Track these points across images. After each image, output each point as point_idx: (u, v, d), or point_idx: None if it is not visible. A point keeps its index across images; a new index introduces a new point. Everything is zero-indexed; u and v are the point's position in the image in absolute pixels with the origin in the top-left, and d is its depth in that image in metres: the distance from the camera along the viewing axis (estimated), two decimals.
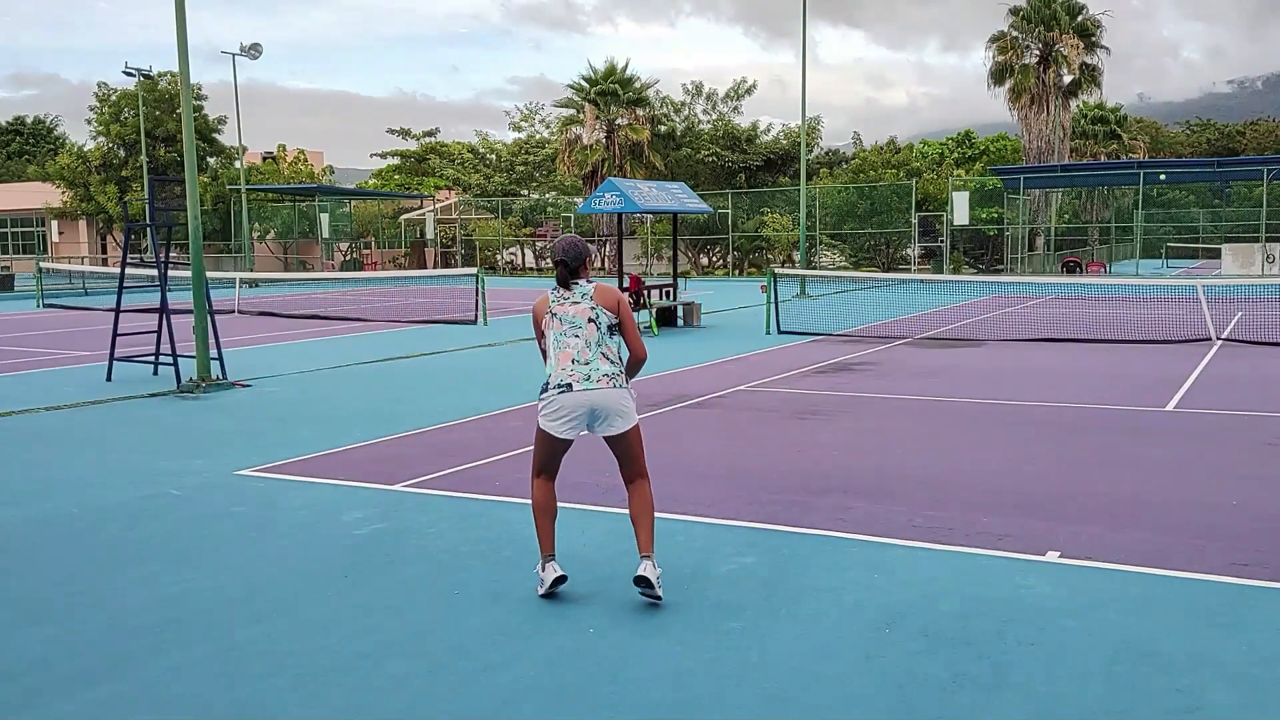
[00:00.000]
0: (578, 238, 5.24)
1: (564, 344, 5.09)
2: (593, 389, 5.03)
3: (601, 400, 5.05)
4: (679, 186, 22.36)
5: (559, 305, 5.12)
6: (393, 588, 5.35)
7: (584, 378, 5.04)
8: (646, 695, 4.07)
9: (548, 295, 5.17)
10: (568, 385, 5.04)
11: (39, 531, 6.50)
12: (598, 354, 5.08)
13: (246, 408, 11.26)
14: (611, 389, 5.07)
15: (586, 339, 5.08)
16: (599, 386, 5.04)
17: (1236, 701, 3.95)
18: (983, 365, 13.92)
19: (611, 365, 5.12)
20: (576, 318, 5.09)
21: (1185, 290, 21.18)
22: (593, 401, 5.05)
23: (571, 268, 5.14)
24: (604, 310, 5.12)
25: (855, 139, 58.91)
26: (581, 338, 5.08)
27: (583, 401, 5.04)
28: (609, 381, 5.08)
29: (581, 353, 5.07)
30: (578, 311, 5.10)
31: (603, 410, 5.08)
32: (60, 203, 50.61)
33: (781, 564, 5.63)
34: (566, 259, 5.14)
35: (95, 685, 4.24)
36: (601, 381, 5.05)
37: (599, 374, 5.05)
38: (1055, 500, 6.83)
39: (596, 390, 5.04)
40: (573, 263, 5.14)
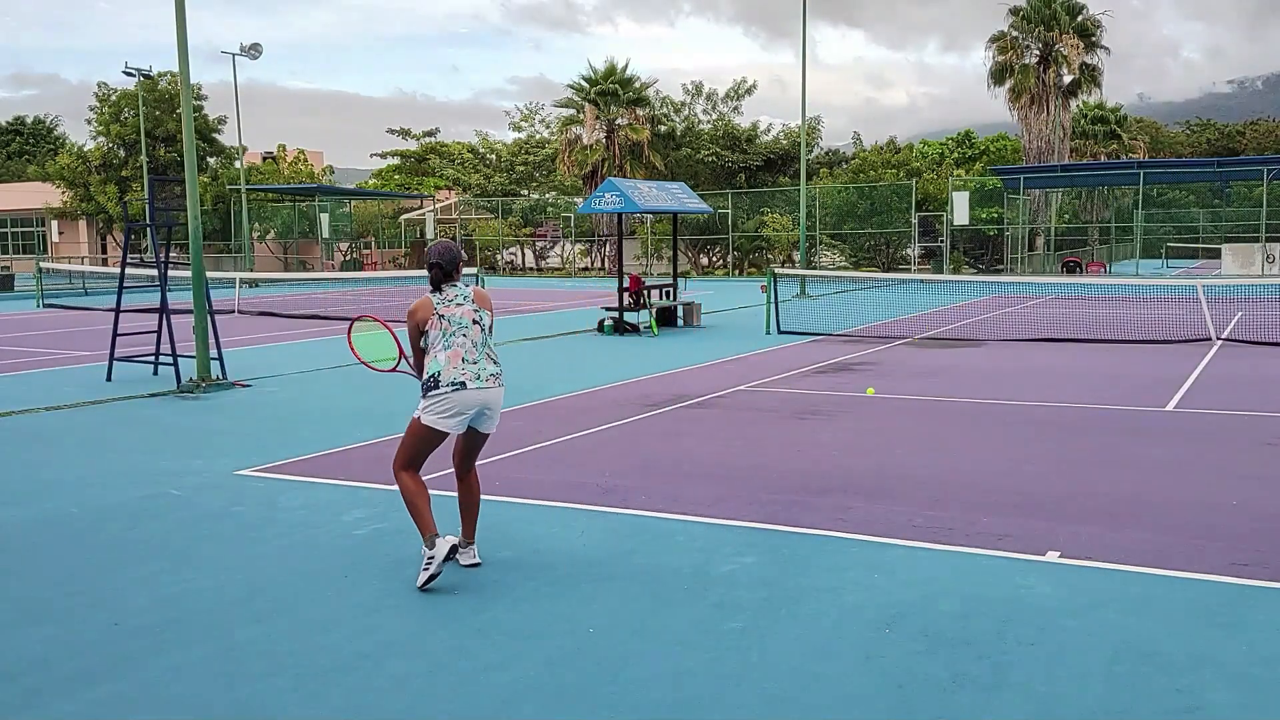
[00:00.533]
0: (451, 243, 5.57)
1: (452, 344, 5.32)
2: (483, 388, 5.33)
3: (491, 399, 5.38)
4: (679, 186, 22.36)
5: (445, 307, 5.37)
6: (393, 588, 5.35)
7: (475, 376, 5.32)
8: (646, 695, 4.07)
9: (429, 298, 5.40)
10: (461, 384, 5.27)
11: (39, 531, 6.50)
12: (483, 354, 5.39)
13: (246, 408, 11.26)
14: (497, 388, 5.40)
15: (473, 340, 5.36)
16: (488, 386, 5.35)
17: (1236, 701, 3.95)
18: (983, 365, 13.92)
19: (495, 365, 5.44)
20: (463, 319, 5.37)
21: (1185, 290, 21.18)
22: (484, 400, 5.35)
23: (446, 270, 5.42)
24: (485, 312, 5.44)
25: (855, 139, 58.93)
26: (469, 338, 5.35)
27: (475, 399, 5.31)
28: (495, 381, 5.39)
29: (470, 353, 5.34)
30: (463, 313, 5.38)
31: (490, 408, 5.40)
32: (60, 203, 50.60)
33: (781, 564, 5.63)
34: (441, 262, 5.42)
35: (95, 685, 4.24)
36: (489, 381, 5.36)
37: (487, 373, 5.36)
38: (1055, 500, 6.83)
39: (487, 389, 5.35)
40: (447, 266, 5.43)
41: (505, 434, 9.32)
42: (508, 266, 51.85)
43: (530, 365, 14.62)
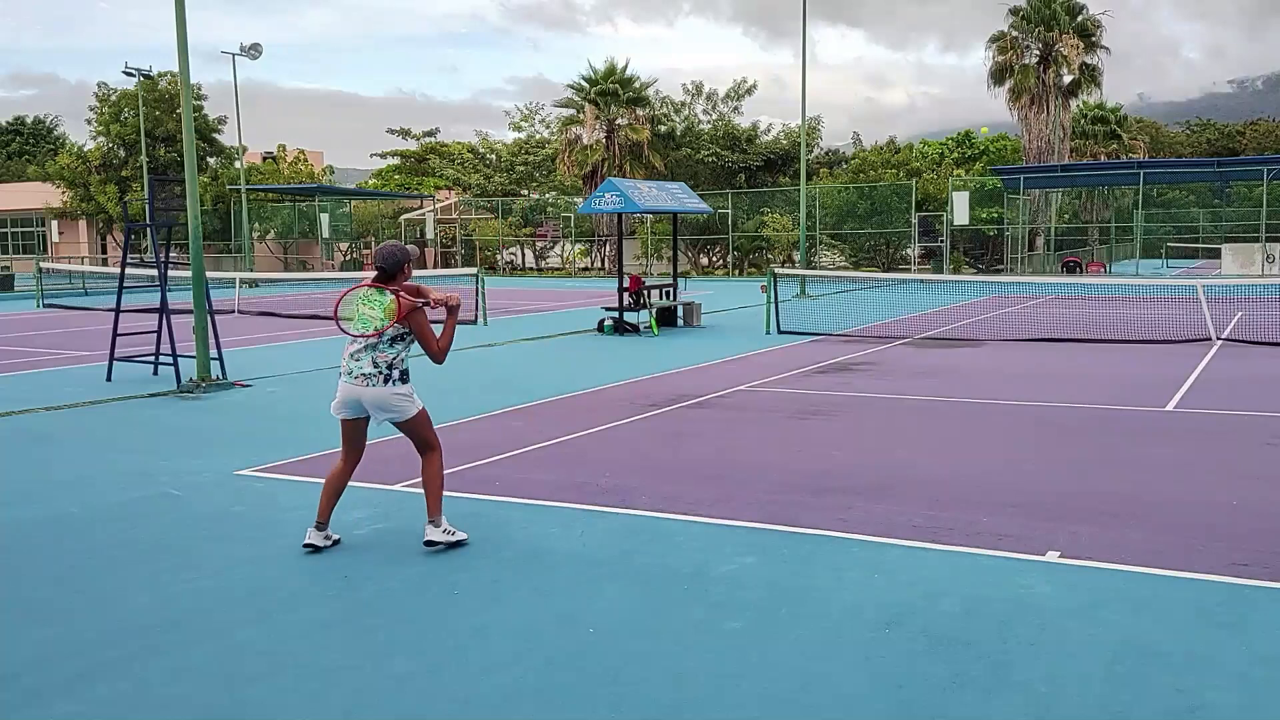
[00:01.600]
0: (397, 244, 5.85)
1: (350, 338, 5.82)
2: (351, 384, 5.80)
3: (357, 395, 5.81)
4: (679, 186, 22.36)
5: (364, 304, 5.78)
6: (393, 588, 5.35)
7: (347, 372, 5.84)
8: (646, 695, 4.07)
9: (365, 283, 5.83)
10: (340, 375, 5.89)
11: (39, 531, 6.50)
12: (368, 357, 5.79)
13: (246, 408, 11.26)
14: (366, 388, 5.77)
15: (366, 341, 5.76)
16: (355, 384, 5.79)
17: (1236, 701, 3.95)
18: (983, 365, 13.92)
19: (374, 369, 5.78)
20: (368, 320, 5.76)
21: (1185, 290, 21.18)
22: (354, 395, 5.82)
23: (389, 273, 5.78)
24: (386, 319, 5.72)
25: (855, 139, 58.98)
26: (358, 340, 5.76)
27: (345, 393, 5.85)
28: (364, 381, 5.77)
29: (359, 351, 5.81)
30: (370, 315, 5.76)
31: (367, 404, 5.81)
32: (60, 203, 50.59)
33: (781, 564, 5.63)
34: (385, 265, 5.78)
35: (95, 685, 4.24)
36: (358, 380, 5.79)
37: (358, 372, 5.79)
38: (1055, 500, 6.83)
39: (353, 386, 5.79)
40: (390, 269, 5.78)
41: (505, 434, 9.33)
42: (508, 266, 51.86)
43: (530, 365, 14.63)
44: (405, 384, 5.88)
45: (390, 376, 5.80)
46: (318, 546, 5.92)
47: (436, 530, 5.88)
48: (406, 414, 5.87)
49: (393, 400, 5.81)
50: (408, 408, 5.87)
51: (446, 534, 5.89)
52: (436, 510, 5.93)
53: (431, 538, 5.86)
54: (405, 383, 5.88)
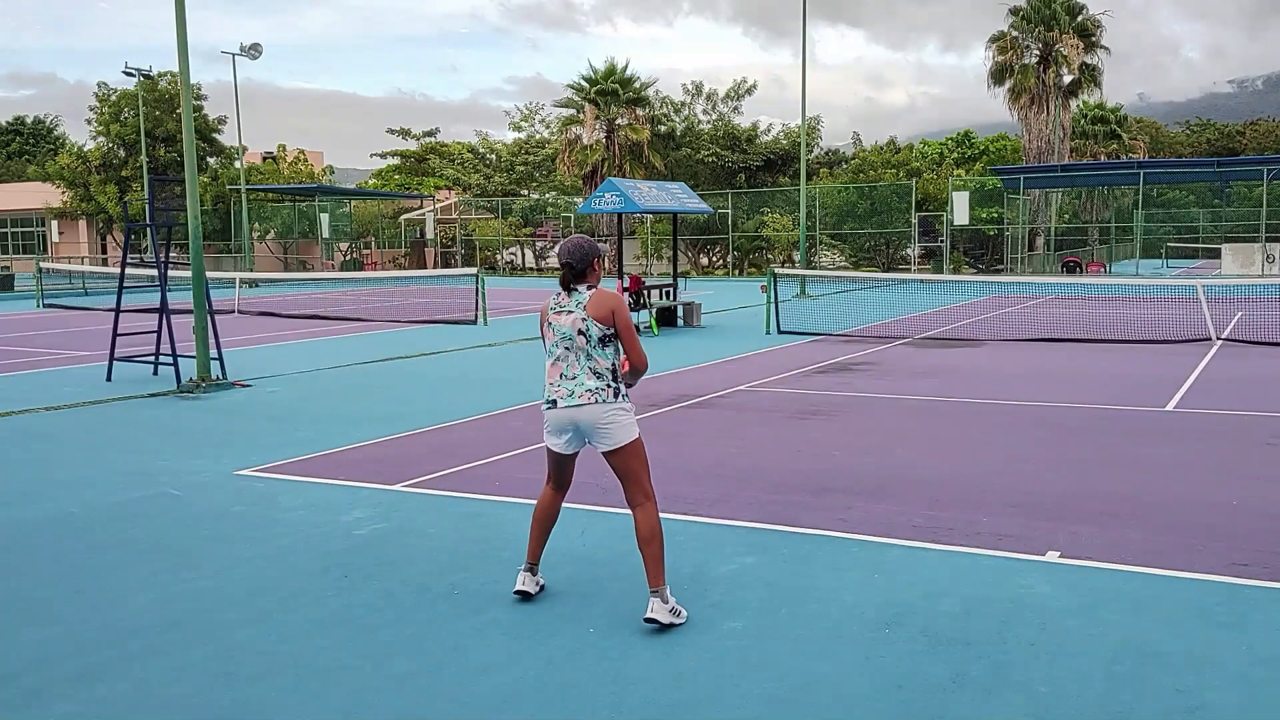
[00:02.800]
0: (586, 238, 4.97)
1: (554, 355, 4.93)
2: (574, 405, 4.85)
3: (585, 417, 4.85)
4: (679, 186, 22.37)
5: (555, 314, 4.92)
6: (393, 587, 5.35)
7: (568, 394, 4.86)
8: (646, 695, 4.07)
9: (549, 301, 4.99)
10: (553, 401, 4.92)
11: (39, 531, 6.49)
12: (584, 368, 4.85)
13: (246, 408, 11.26)
14: (593, 404, 4.83)
15: (576, 352, 4.85)
16: (580, 403, 4.84)
17: (1236, 701, 3.95)
18: (983, 365, 13.92)
19: (597, 380, 4.85)
20: (567, 329, 4.86)
21: (1185, 290, 21.18)
22: (575, 419, 4.87)
23: (576, 270, 4.88)
24: (595, 322, 4.82)
25: (855, 139, 58.97)
26: (572, 350, 4.86)
27: (565, 418, 4.89)
28: (591, 397, 4.83)
29: (570, 367, 4.87)
30: (569, 322, 4.86)
31: (586, 427, 4.88)
32: (60, 203, 50.60)
33: (781, 564, 5.63)
34: (571, 261, 4.88)
35: (95, 685, 4.24)
36: (584, 397, 4.83)
37: (582, 389, 4.84)
38: (1055, 500, 6.83)
39: (579, 407, 4.85)
40: (578, 265, 4.87)
41: (506, 434, 9.33)
42: (508, 266, 51.86)
43: (531, 365, 14.62)
44: (628, 400, 4.97)
45: (617, 389, 4.88)
46: (529, 593, 5.09)
47: (664, 607, 4.76)
48: (619, 438, 4.85)
49: (607, 419, 4.84)
50: (621, 430, 4.86)
51: (674, 614, 4.77)
52: (660, 578, 4.81)
53: (655, 616, 4.73)
54: (627, 399, 4.96)
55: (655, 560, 4.81)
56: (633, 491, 4.90)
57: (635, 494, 4.90)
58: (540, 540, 5.18)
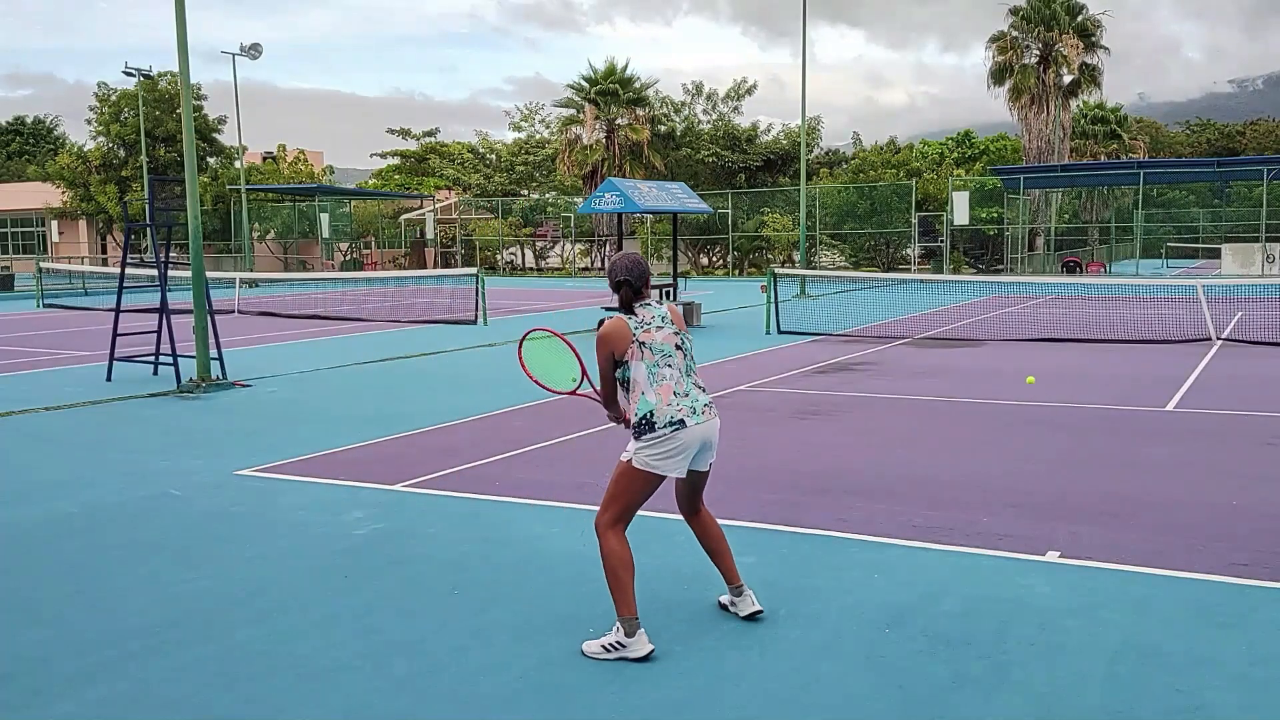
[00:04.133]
0: (638, 255, 4.79)
1: (659, 375, 4.57)
2: (703, 422, 4.61)
3: (711, 433, 4.66)
4: (679, 186, 22.36)
5: (644, 333, 4.58)
6: (393, 588, 5.35)
7: (691, 410, 4.58)
8: (646, 695, 4.07)
9: (624, 321, 4.60)
10: (680, 422, 4.53)
11: (39, 531, 6.49)
12: (691, 383, 4.66)
13: (246, 408, 11.26)
14: (715, 419, 4.69)
15: (679, 368, 4.63)
16: (705, 419, 4.62)
17: (1236, 701, 3.95)
18: (983, 365, 13.92)
19: (705, 393, 4.72)
20: (665, 345, 4.60)
21: (1185, 290, 21.18)
22: (705, 435, 4.63)
23: (636, 288, 4.64)
24: (685, 334, 4.73)
25: (855, 139, 58.95)
26: (675, 367, 4.61)
27: (697, 436, 4.59)
28: (710, 412, 4.67)
29: (679, 384, 4.60)
30: (665, 338, 4.61)
31: (710, 442, 4.67)
32: (60, 203, 50.60)
33: (781, 564, 5.63)
34: (630, 279, 4.64)
35: (95, 685, 4.24)
36: (705, 413, 4.63)
37: (701, 404, 4.64)
38: (1055, 500, 6.83)
39: (707, 423, 4.63)
40: (637, 282, 4.64)
41: (506, 434, 9.33)
42: (508, 266, 51.86)
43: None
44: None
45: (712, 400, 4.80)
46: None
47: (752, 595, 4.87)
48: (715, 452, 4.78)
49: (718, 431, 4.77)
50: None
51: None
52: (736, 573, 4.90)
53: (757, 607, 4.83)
54: None
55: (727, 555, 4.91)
56: (701, 499, 4.94)
57: (701, 500, 4.94)
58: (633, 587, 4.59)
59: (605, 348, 4.62)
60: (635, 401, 4.58)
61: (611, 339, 4.59)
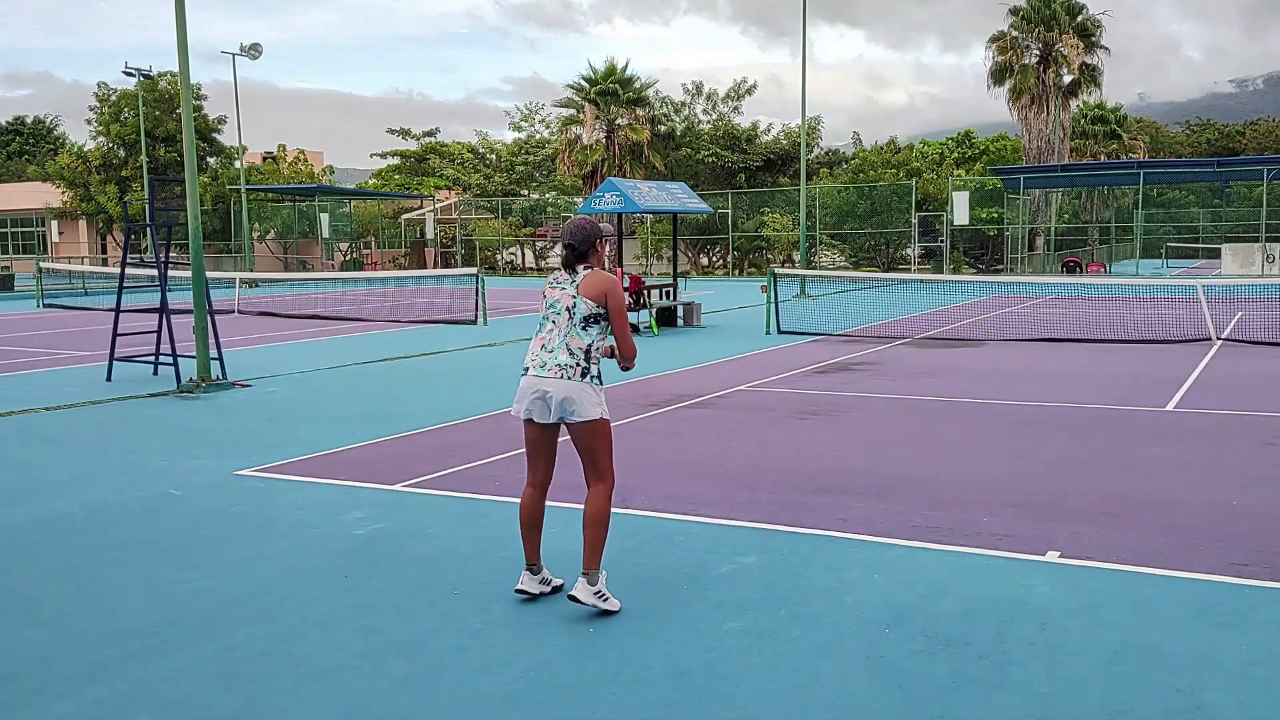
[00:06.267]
0: (588, 219, 5.03)
1: (541, 327, 5.03)
2: (543, 376, 4.91)
3: (553, 389, 4.90)
4: (679, 186, 22.36)
5: (550, 288, 5.03)
6: (393, 588, 5.34)
7: (540, 364, 4.94)
8: (646, 695, 4.07)
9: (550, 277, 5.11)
10: (526, 369, 5.01)
11: (39, 531, 6.49)
12: (562, 344, 4.92)
13: (246, 408, 11.26)
14: (559, 379, 4.89)
15: (559, 326, 4.94)
16: (549, 375, 4.90)
17: (1236, 701, 3.95)
18: (983, 365, 13.92)
19: (570, 357, 4.90)
20: (557, 302, 4.97)
21: (1185, 290, 21.18)
22: (544, 388, 4.91)
23: (579, 251, 4.93)
24: (585, 299, 4.90)
25: (855, 139, 58.93)
26: (557, 325, 4.95)
27: (535, 387, 4.93)
28: (559, 372, 4.89)
29: (550, 340, 4.95)
30: (560, 296, 4.96)
31: (552, 398, 4.90)
32: (60, 203, 50.59)
33: (781, 564, 5.63)
34: (574, 242, 4.94)
35: (95, 685, 4.24)
36: (553, 371, 4.90)
37: (554, 363, 4.91)
38: (1055, 500, 6.83)
39: (546, 379, 4.91)
40: (580, 246, 4.94)
41: (506, 434, 9.32)
42: (508, 266, 51.85)
43: None
44: (599, 383, 4.99)
45: (588, 370, 4.92)
46: (530, 593, 5.07)
47: (589, 589, 4.86)
48: (589, 413, 4.89)
49: (582, 393, 4.89)
50: (593, 408, 4.91)
51: (600, 598, 4.87)
52: (594, 561, 4.90)
53: (579, 595, 4.84)
54: (600, 382, 5.00)
55: (593, 544, 4.91)
56: (588, 471, 5.02)
57: (590, 473, 5.02)
58: (532, 540, 5.17)
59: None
60: None
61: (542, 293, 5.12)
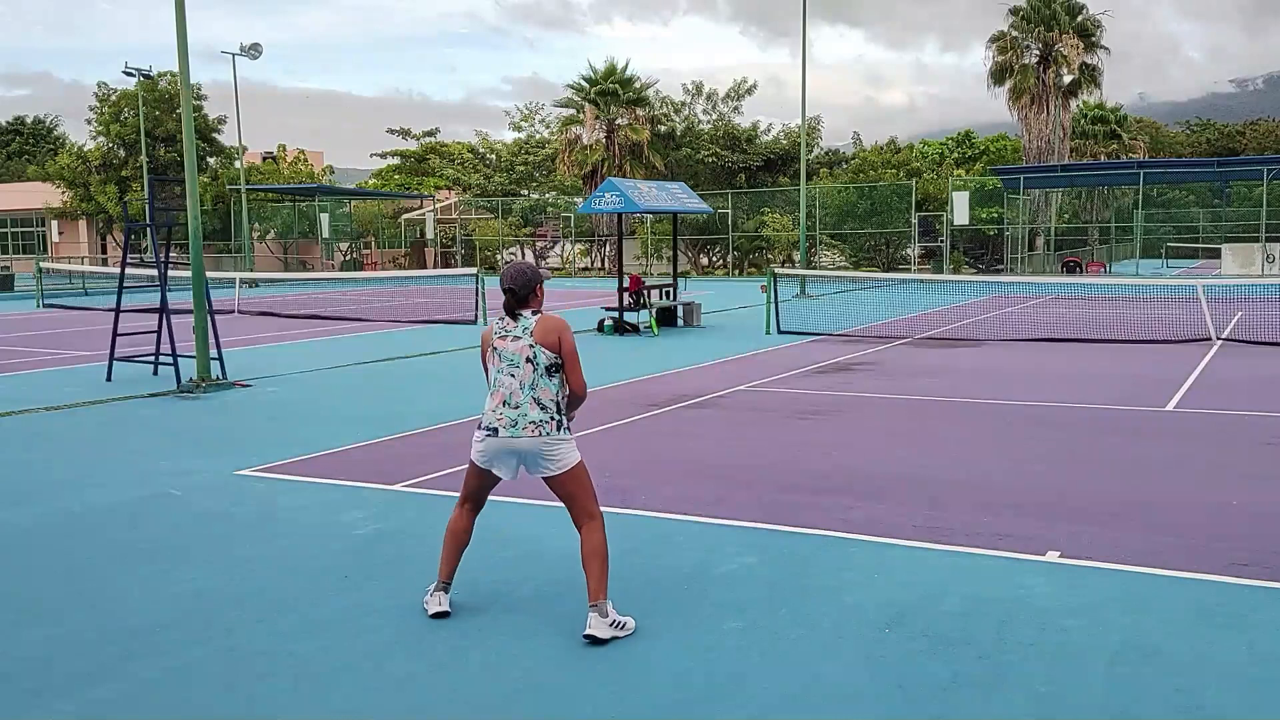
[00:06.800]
0: (528, 264, 4.96)
1: (500, 383, 4.82)
2: (518, 437, 4.75)
3: (527, 448, 4.76)
4: (679, 186, 22.36)
5: (500, 339, 4.84)
6: (393, 588, 5.34)
7: (510, 424, 4.76)
8: (646, 695, 4.07)
9: (492, 325, 4.94)
10: (494, 430, 4.79)
11: (39, 531, 6.49)
12: (528, 398, 4.75)
13: (246, 408, 11.26)
14: (536, 438, 4.74)
15: (521, 380, 4.77)
16: (524, 435, 4.74)
17: (1236, 701, 3.95)
18: (983, 365, 13.92)
19: (542, 412, 4.76)
20: (515, 355, 4.79)
21: (1185, 290, 21.18)
22: (518, 449, 4.78)
23: (520, 296, 4.83)
24: (543, 349, 4.76)
25: (855, 139, 58.95)
26: (516, 378, 4.78)
27: (507, 448, 4.79)
28: (535, 430, 4.74)
29: (514, 395, 4.77)
30: (517, 349, 4.79)
31: (529, 457, 4.79)
32: (60, 203, 50.60)
33: (782, 564, 5.63)
34: (515, 287, 4.82)
35: (95, 685, 4.24)
36: (528, 430, 4.74)
37: (526, 421, 4.74)
38: (1055, 500, 6.83)
39: (522, 439, 4.75)
40: (520, 291, 4.83)
41: None
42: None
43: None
44: (569, 432, 4.88)
45: (561, 422, 4.80)
46: (446, 613, 4.94)
47: (603, 623, 4.63)
48: (562, 466, 4.78)
49: (551, 451, 4.77)
50: (565, 458, 4.79)
51: (617, 628, 4.66)
52: (602, 591, 4.69)
53: (596, 633, 4.60)
54: (568, 430, 4.88)
55: (599, 578, 4.72)
56: (577, 514, 4.87)
57: (579, 516, 4.86)
58: (453, 559, 5.03)
59: (481, 346, 5.02)
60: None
61: (483, 339, 4.99)
